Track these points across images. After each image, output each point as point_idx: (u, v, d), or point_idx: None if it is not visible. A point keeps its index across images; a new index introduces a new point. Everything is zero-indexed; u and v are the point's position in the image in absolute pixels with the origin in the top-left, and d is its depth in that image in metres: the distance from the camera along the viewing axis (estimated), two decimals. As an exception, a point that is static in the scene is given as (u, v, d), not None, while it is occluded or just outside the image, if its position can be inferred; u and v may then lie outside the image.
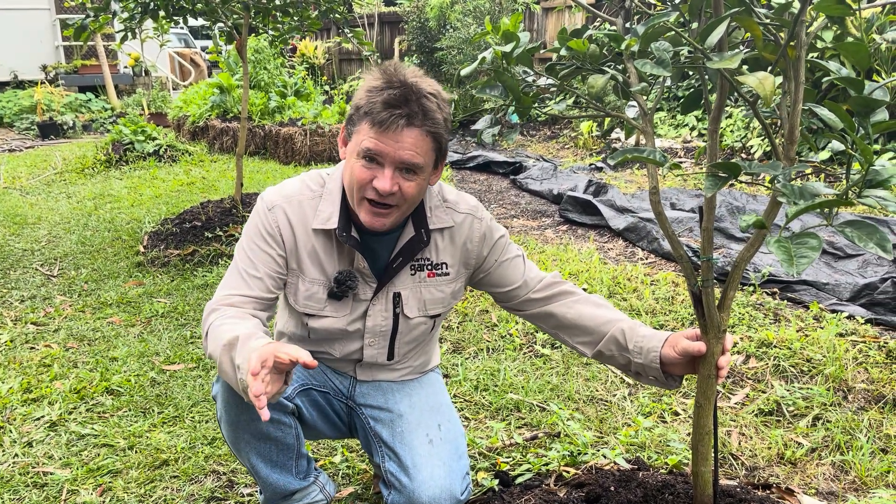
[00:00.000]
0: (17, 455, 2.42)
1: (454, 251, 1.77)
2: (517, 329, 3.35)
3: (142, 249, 4.72)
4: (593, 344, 1.75)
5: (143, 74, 14.40)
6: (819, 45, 1.42)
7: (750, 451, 2.36)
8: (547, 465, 2.21)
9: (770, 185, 1.26)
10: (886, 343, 3.01)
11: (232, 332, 1.50)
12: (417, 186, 1.58)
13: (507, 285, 1.82)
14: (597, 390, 2.79)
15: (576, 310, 1.77)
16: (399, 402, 1.82)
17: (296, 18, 4.95)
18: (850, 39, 1.38)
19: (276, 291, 1.71)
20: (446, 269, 1.77)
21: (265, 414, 1.28)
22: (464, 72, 1.63)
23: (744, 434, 2.46)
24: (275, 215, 1.67)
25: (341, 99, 10.04)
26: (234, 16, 4.84)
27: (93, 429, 2.57)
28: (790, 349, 2.98)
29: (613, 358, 1.73)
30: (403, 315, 1.76)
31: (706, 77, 1.50)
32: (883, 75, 5.84)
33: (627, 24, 1.62)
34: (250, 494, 2.19)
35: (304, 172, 1.78)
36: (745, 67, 1.43)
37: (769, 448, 2.36)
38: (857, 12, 1.15)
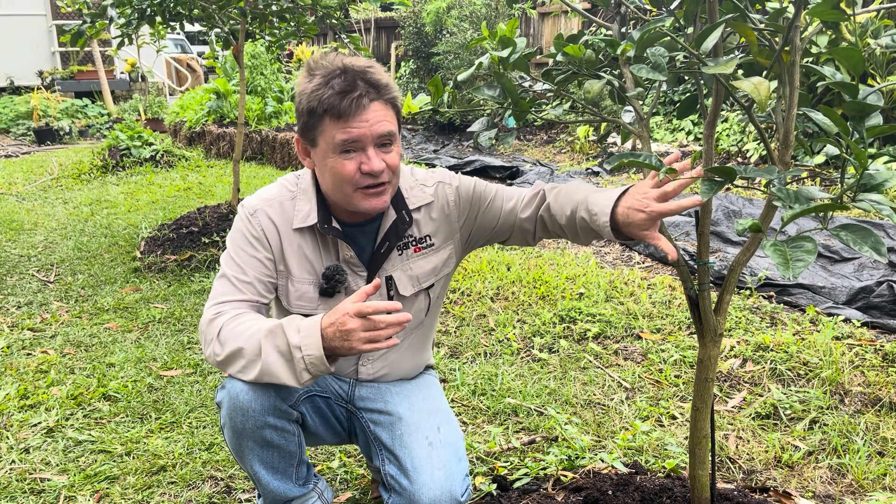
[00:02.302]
0: (13, 461, 2.41)
1: (435, 222, 1.80)
2: (515, 333, 3.35)
3: (138, 255, 4.71)
4: (572, 228, 1.66)
5: (140, 80, 14.41)
6: (814, 50, 1.43)
7: (747, 454, 2.37)
8: (545, 469, 2.21)
9: (766, 190, 1.26)
10: (883, 346, 3.02)
11: (264, 323, 1.52)
12: (397, 155, 1.63)
13: (497, 222, 1.82)
14: (594, 394, 2.79)
15: (560, 198, 1.68)
16: (398, 405, 1.82)
17: (292, 24, 4.95)
18: (843, 44, 1.39)
19: (268, 296, 1.71)
20: (430, 240, 1.81)
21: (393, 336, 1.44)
22: (461, 77, 1.64)
23: (741, 437, 2.46)
24: (258, 219, 1.69)
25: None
26: (231, 21, 4.85)
27: (90, 435, 2.56)
28: (787, 353, 2.98)
29: (587, 226, 1.60)
30: (398, 295, 1.78)
31: (702, 82, 1.51)
32: (877, 80, 5.87)
33: (623, 30, 1.63)
34: (248, 500, 2.18)
35: (279, 177, 1.80)
36: (739, 72, 1.44)
37: (766, 451, 2.37)
38: (852, 17, 1.16)
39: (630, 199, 1.42)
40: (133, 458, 2.42)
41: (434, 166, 8.20)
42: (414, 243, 1.79)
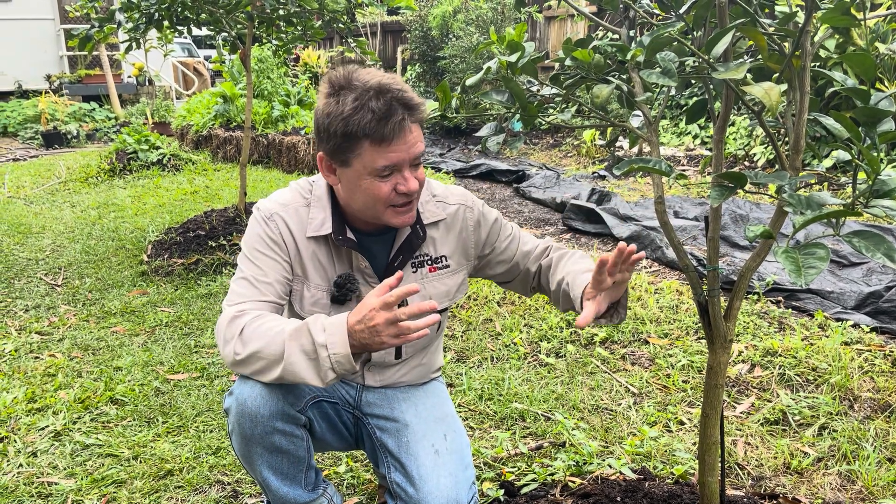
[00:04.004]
0: (21, 465, 2.42)
1: (451, 243, 1.79)
2: (521, 338, 3.35)
3: (145, 258, 4.72)
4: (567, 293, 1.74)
5: (147, 84, 14.46)
6: (823, 54, 1.43)
7: (756, 460, 2.35)
8: (552, 474, 2.20)
9: (776, 195, 1.26)
10: (892, 351, 3.00)
11: (287, 324, 1.51)
12: (422, 169, 1.64)
13: (508, 264, 1.86)
14: (601, 399, 2.78)
15: (562, 266, 1.78)
16: (405, 412, 1.81)
17: (299, 28, 4.96)
18: (851, 49, 1.39)
19: (285, 298, 1.71)
20: (446, 261, 1.80)
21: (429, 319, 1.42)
22: (469, 81, 1.64)
23: (749, 444, 2.45)
24: (275, 223, 1.68)
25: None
26: (238, 25, 4.87)
27: (97, 438, 2.56)
28: (795, 358, 2.97)
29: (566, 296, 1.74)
30: None
31: (711, 87, 1.51)
32: (886, 84, 5.84)
33: (631, 33, 1.62)
34: (255, 505, 2.18)
35: (292, 181, 1.79)
36: (749, 77, 1.44)
37: (775, 458, 2.35)
38: (863, 23, 1.15)
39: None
40: (140, 462, 2.42)
41: (440, 170, 8.20)
42: (430, 262, 1.78)
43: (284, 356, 1.49)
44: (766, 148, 6.93)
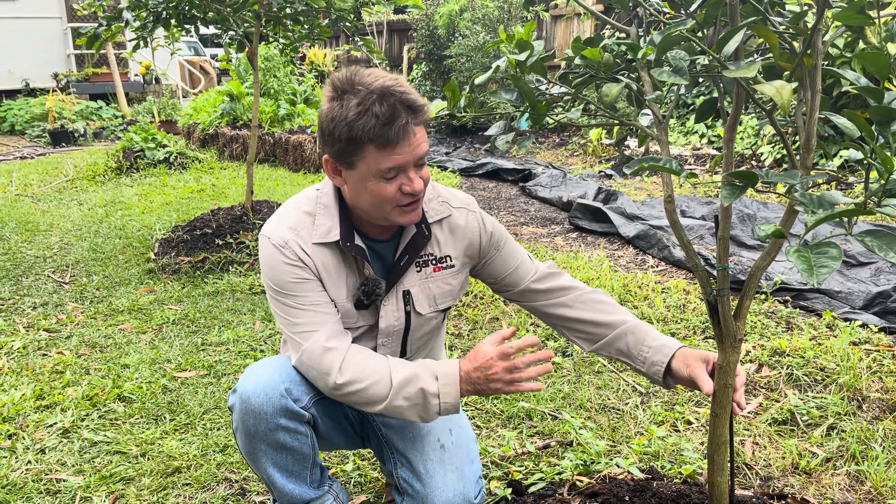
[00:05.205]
0: (29, 462, 2.43)
1: (455, 244, 1.79)
2: (528, 337, 3.34)
3: (153, 256, 4.74)
4: (591, 342, 1.82)
5: (154, 82, 14.50)
6: (833, 52, 1.42)
7: (764, 460, 2.34)
8: (560, 473, 2.20)
9: (786, 194, 1.25)
10: (901, 352, 2.99)
11: (395, 365, 1.60)
12: (426, 167, 1.64)
13: (505, 274, 1.87)
14: (609, 399, 2.77)
15: (576, 310, 1.82)
16: None
17: (306, 27, 4.97)
18: (861, 46, 1.38)
19: (337, 311, 1.70)
20: (451, 261, 1.80)
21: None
22: (478, 80, 1.64)
23: (757, 443, 2.44)
24: (292, 249, 1.64)
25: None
26: (245, 24, 4.87)
27: (105, 436, 2.57)
28: (803, 358, 2.96)
29: (611, 355, 1.81)
30: (415, 312, 1.77)
31: (721, 85, 1.50)
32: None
33: (640, 31, 1.62)
34: (262, 503, 2.19)
35: (289, 199, 1.76)
36: (759, 76, 1.43)
37: (783, 458, 2.34)
38: (877, 21, 1.14)
39: (681, 357, 1.67)
40: (148, 459, 2.43)
41: (446, 169, 8.20)
42: (434, 262, 1.78)
43: (388, 398, 1.56)
44: (773, 147, 6.90)
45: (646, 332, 1.74)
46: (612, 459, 2.28)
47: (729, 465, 1.64)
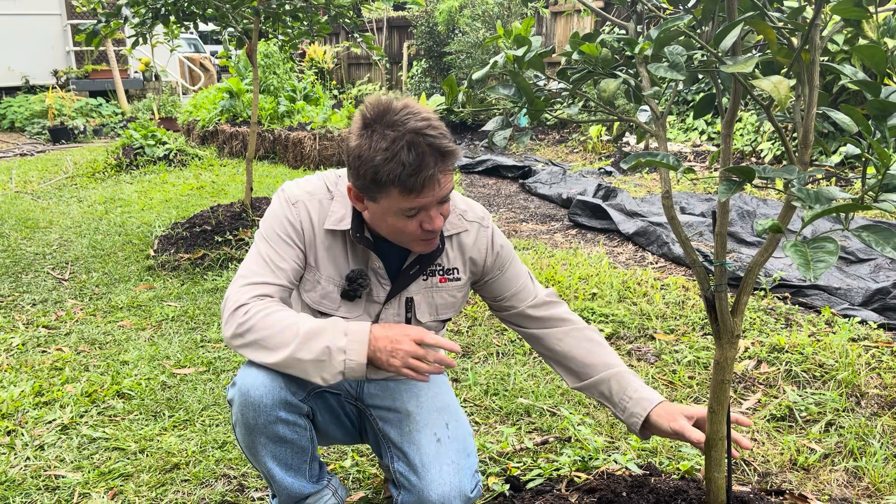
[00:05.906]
0: (28, 458, 2.43)
1: (464, 257, 1.79)
2: (527, 333, 3.34)
3: (152, 253, 4.74)
4: (577, 379, 1.85)
5: (154, 79, 14.49)
6: (832, 48, 1.42)
7: (762, 456, 2.35)
8: (558, 470, 2.20)
9: (784, 190, 1.25)
10: (899, 348, 2.99)
11: (303, 319, 1.55)
12: (449, 203, 1.63)
13: (504, 295, 1.87)
14: (607, 395, 2.77)
15: (567, 344, 1.85)
16: (406, 402, 1.82)
17: (305, 23, 4.96)
18: (861, 41, 1.37)
19: (295, 284, 1.72)
20: (458, 273, 1.79)
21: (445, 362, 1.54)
22: (476, 75, 1.64)
23: (756, 439, 2.44)
24: (298, 210, 1.68)
25: (350, 103, 10.06)
26: (245, 21, 4.87)
27: (104, 432, 2.57)
28: (802, 354, 2.96)
29: (594, 396, 1.85)
30: (416, 320, 1.77)
31: (719, 81, 1.50)
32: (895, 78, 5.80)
33: (639, 28, 1.61)
34: (261, 499, 2.19)
35: (319, 172, 1.79)
36: (757, 71, 1.43)
37: (781, 454, 2.34)
38: (875, 15, 1.14)
39: (663, 412, 1.69)
40: (147, 455, 2.43)
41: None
42: (441, 272, 1.78)
43: (292, 349, 1.52)
44: (773, 144, 6.90)
45: (629, 382, 1.78)
46: (610, 455, 2.28)
47: (726, 461, 1.64)
